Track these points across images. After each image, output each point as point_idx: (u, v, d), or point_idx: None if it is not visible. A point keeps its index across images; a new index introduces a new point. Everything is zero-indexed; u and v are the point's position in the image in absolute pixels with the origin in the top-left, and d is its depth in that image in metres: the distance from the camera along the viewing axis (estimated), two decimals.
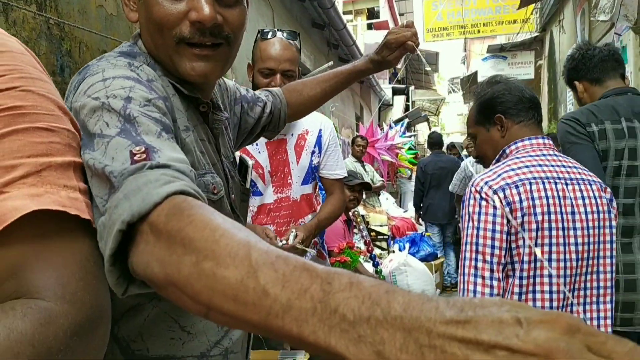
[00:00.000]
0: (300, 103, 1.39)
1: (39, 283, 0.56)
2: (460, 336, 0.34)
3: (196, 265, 0.50)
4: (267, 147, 2.06)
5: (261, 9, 4.72)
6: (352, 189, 3.83)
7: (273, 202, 2.05)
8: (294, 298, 0.42)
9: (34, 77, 0.63)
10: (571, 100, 7.28)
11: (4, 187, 0.56)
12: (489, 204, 1.46)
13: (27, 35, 1.88)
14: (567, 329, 0.34)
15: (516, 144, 1.58)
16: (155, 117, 0.73)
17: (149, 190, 0.58)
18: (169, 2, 0.84)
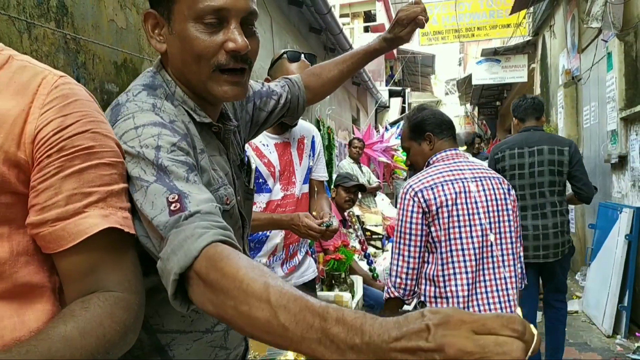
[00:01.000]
0: (321, 85, 1.51)
1: (113, 279, 0.80)
2: (399, 347, 0.54)
3: (235, 308, 0.70)
4: (276, 148, 2.25)
5: (260, 16, 4.87)
6: (347, 191, 4.01)
7: (280, 199, 2.25)
8: (305, 332, 0.62)
9: (99, 120, 0.82)
10: (562, 103, 7.45)
11: (85, 208, 0.77)
12: (411, 202, 2.00)
13: (47, 50, 2.05)
14: (455, 324, 0.51)
15: (439, 155, 2.14)
16: (181, 161, 0.90)
17: (188, 247, 0.78)
18: (207, 36, 0.98)
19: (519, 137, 3.48)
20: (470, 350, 0.49)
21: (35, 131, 0.75)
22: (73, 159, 0.77)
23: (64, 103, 0.78)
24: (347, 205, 4.03)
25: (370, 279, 4.11)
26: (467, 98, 16.70)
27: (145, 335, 1.05)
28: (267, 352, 2.03)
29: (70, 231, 0.76)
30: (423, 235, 1.99)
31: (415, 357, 0.53)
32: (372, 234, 5.69)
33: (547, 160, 3.33)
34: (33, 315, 0.76)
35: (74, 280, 0.79)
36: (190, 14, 0.98)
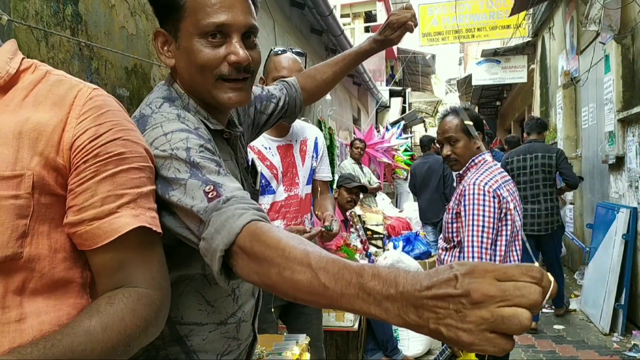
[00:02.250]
0: (315, 86, 1.61)
1: (139, 276, 0.88)
2: (430, 295, 0.60)
3: (279, 274, 0.77)
4: (278, 150, 2.32)
5: (263, 19, 4.97)
6: (349, 191, 4.09)
7: (284, 200, 2.31)
8: (344, 288, 0.68)
9: (129, 128, 0.90)
10: (561, 104, 7.52)
11: (118, 209, 0.85)
12: (491, 199, 2.14)
13: (63, 57, 2.13)
14: (480, 273, 0.58)
15: (484, 155, 2.30)
16: (210, 158, 0.99)
17: (231, 224, 0.86)
18: (210, 49, 1.07)
19: (524, 147, 5.10)
20: (493, 294, 0.56)
21: (72, 139, 0.83)
22: (107, 164, 0.84)
23: (98, 113, 0.86)
24: (349, 206, 4.11)
25: None
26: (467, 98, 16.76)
27: (166, 327, 1.13)
28: (274, 347, 2.11)
29: (105, 229, 0.83)
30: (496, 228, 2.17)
31: (444, 303, 0.58)
32: (373, 233, 5.77)
33: (540, 164, 4.94)
34: (66, 310, 0.83)
35: (104, 275, 0.86)
36: (195, 30, 1.08)
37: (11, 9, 1.83)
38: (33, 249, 0.80)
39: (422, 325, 0.61)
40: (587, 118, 6.66)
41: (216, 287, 1.17)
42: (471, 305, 0.57)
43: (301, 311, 2.48)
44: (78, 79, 0.91)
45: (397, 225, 7.04)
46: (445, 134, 2.34)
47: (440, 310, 0.59)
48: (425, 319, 0.60)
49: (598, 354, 4.34)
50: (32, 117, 0.81)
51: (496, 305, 0.56)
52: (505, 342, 0.56)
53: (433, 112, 21.24)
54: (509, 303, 0.55)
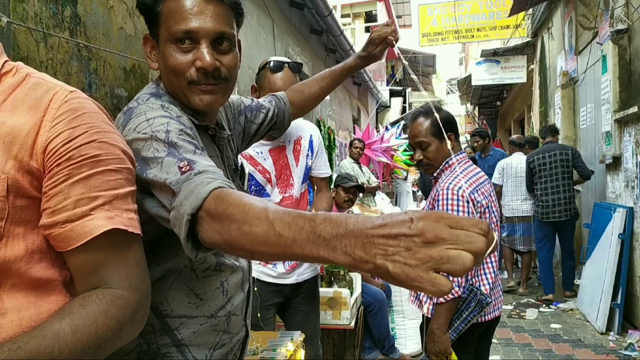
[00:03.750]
0: (303, 100, 1.68)
1: (114, 277, 0.89)
2: (382, 233, 0.61)
3: (238, 229, 0.78)
4: (270, 154, 2.33)
5: (262, 20, 5.00)
6: (347, 191, 4.11)
7: (279, 202, 2.32)
8: (297, 234, 0.70)
9: (105, 130, 0.91)
10: (559, 104, 7.54)
11: (91, 211, 0.86)
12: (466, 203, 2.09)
13: (61, 58, 2.17)
14: (435, 218, 0.60)
15: (459, 156, 2.25)
16: (188, 140, 1.03)
17: (199, 190, 0.88)
18: (180, 55, 1.13)
19: (543, 148, 5.97)
20: (445, 237, 0.59)
21: (46, 142, 0.83)
22: (80, 166, 0.85)
23: (73, 116, 0.87)
24: (346, 205, 4.14)
25: (369, 276, 4.22)
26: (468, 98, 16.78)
27: (156, 320, 1.17)
28: (269, 344, 2.14)
29: (78, 232, 0.84)
30: None
31: (395, 241, 0.60)
32: None
33: (558, 159, 5.72)
34: (47, 306, 0.84)
35: (80, 276, 0.88)
36: (167, 37, 1.13)
37: (10, 10, 1.86)
38: (9, 251, 0.81)
39: (368, 261, 0.62)
40: (585, 118, 6.69)
41: (205, 280, 1.21)
42: (422, 244, 0.59)
43: (298, 308, 2.50)
44: (58, 82, 0.92)
45: None
46: (415, 139, 2.27)
47: (390, 247, 0.61)
48: (372, 254, 0.62)
49: (594, 353, 4.37)
50: (8, 122, 0.83)
51: (445, 246, 0.59)
52: (444, 283, 0.58)
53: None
54: (457, 247, 0.58)
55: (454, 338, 2.12)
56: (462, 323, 2.11)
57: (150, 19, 1.17)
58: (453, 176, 2.16)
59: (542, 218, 5.84)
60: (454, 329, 2.12)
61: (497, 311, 2.26)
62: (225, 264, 1.25)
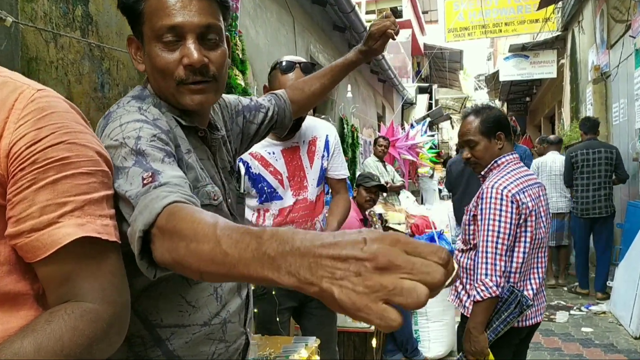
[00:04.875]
0: (304, 98, 1.62)
1: (86, 289, 0.82)
2: (330, 253, 0.55)
3: (186, 247, 0.72)
4: (283, 154, 2.25)
5: (282, 17, 4.94)
6: (368, 190, 4.03)
7: (292, 205, 2.24)
8: (242, 252, 0.63)
9: (76, 130, 0.84)
10: (591, 100, 7.32)
11: (59, 218, 0.79)
12: (510, 204, 2.04)
13: (72, 58, 2.14)
14: (391, 241, 0.53)
15: (508, 156, 2.19)
16: (159, 147, 0.98)
17: (153, 205, 0.81)
18: (166, 53, 1.08)
19: (585, 144, 5.86)
20: (400, 264, 0.52)
21: (9, 146, 0.77)
22: (47, 170, 0.79)
23: (39, 116, 0.80)
24: (367, 205, 4.06)
25: None
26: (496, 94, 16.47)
27: (146, 331, 1.11)
28: (282, 350, 2.08)
29: (45, 242, 0.78)
30: (514, 235, 2.08)
31: (345, 264, 0.54)
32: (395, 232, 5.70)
33: (603, 157, 5.67)
34: (16, 322, 0.79)
35: (50, 289, 0.81)
36: (152, 35, 1.08)
37: (19, 10, 1.84)
38: None
39: (314, 284, 0.56)
40: (618, 114, 6.46)
41: (197, 287, 1.15)
42: (374, 269, 0.52)
43: (312, 312, 2.44)
44: (27, 81, 0.86)
45: (421, 224, 6.93)
46: (463, 137, 2.27)
47: (338, 270, 0.54)
48: (318, 276, 0.55)
49: (627, 358, 4.19)
50: None
51: (399, 275, 0.52)
52: (393, 317, 0.52)
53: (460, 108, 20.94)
54: (412, 277, 0.52)
55: (492, 339, 2.08)
56: (501, 324, 2.07)
57: (133, 18, 1.12)
58: (500, 175, 2.13)
59: (581, 214, 5.78)
60: (493, 329, 2.08)
61: (539, 317, 2.22)
62: None
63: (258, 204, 2.23)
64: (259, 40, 4.10)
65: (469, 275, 2.20)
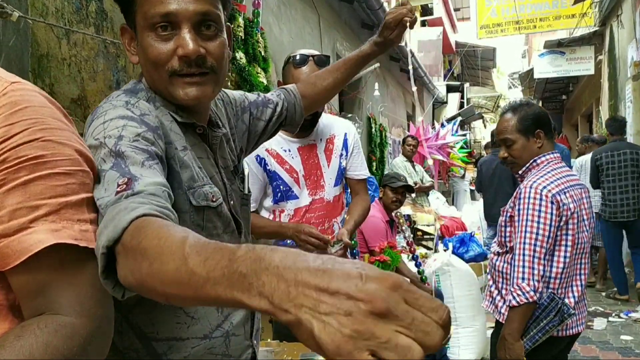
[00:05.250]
0: (316, 94, 1.52)
1: (62, 301, 0.73)
2: (317, 283, 0.46)
3: (149, 267, 0.63)
4: (299, 152, 2.16)
5: (307, 14, 4.86)
6: (395, 191, 3.91)
7: (308, 204, 2.15)
8: (210, 271, 0.55)
9: (53, 127, 0.76)
10: (630, 97, 7.04)
11: (30, 223, 0.71)
12: (549, 204, 1.93)
13: (86, 54, 2.09)
14: (392, 285, 0.45)
15: (548, 156, 2.08)
16: (141, 148, 0.88)
17: (120, 218, 0.71)
18: (159, 43, 0.99)
19: (610, 145, 5.75)
20: (398, 315, 0.45)
21: None
22: (17, 170, 0.71)
23: (10, 111, 0.73)
24: (394, 206, 3.93)
25: (419, 281, 4.00)
26: (530, 92, 16.06)
27: (141, 345, 1.03)
28: (300, 356, 2.00)
29: (15, 248, 0.70)
30: (554, 238, 1.98)
31: (334, 299, 0.45)
32: (423, 233, 5.55)
33: (629, 159, 5.54)
34: None
35: (25, 300, 0.74)
36: (144, 24, 1.00)
37: (28, 5, 1.79)
38: None
39: (289, 312, 0.47)
40: None
41: None
42: (368, 314, 0.44)
43: None
44: (2, 73, 0.78)
45: (451, 225, 6.77)
46: (500, 135, 2.17)
47: (324, 304, 0.45)
48: (297, 304, 0.47)
49: None
50: None
51: (395, 327, 0.44)
52: None
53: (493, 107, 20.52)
54: (409, 333, 0.44)
55: (529, 347, 1.97)
56: (539, 332, 1.97)
57: (126, 6, 1.04)
58: (539, 175, 2.03)
59: (609, 218, 5.60)
60: (530, 337, 1.98)
61: (580, 326, 2.10)
62: None
63: (273, 204, 2.15)
64: (283, 37, 4.02)
65: (505, 280, 2.08)
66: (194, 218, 1.04)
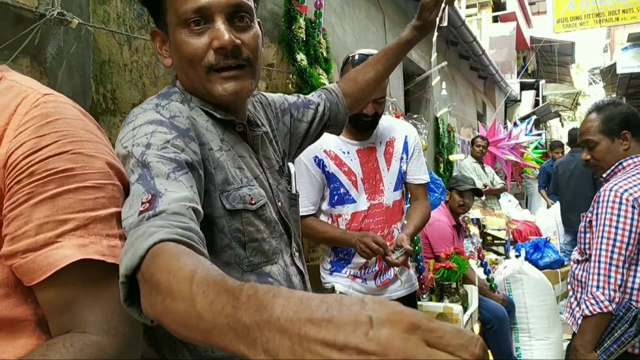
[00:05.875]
0: (359, 90, 1.46)
1: (89, 319, 0.71)
2: (321, 337, 0.40)
3: (162, 303, 0.60)
4: (358, 154, 2.10)
5: (371, 13, 4.77)
6: (462, 194, 3.75)
7: (367, 209, 2.09)
8: (216, 317, 0.50)
9: (85, 139, 0.75)
10: None
11: (58, 238, 0.70)
12: (630, 209, 1.83)
13: (147, 60, 2.12)
14: (408, 327, 0.38)
15: (634, 159, 1.96)
16: (170, 157, 0.85)
17: (137, 246, 0.68)
18: (193, 39, 0.98)
19: None
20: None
21: (7, 155, 0.70)
22: (46, 183, 0.70)
23: (41, 123, 0.72)
24: (461, 210, 3.77)
25: (488, 289, 3.81)
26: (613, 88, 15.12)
27: None
28: None
29: (41, 263, 0.69)
30: (635, 245, 1.86)
31: (341, 355, 0.39)
32: (494, 238, 5.31)
33: None
34: (13, 352, 0.70)
35: (52, 316, 0.72)
36: (177, 21, 0.99)
37: (90, 12, 1.82)
38: None
39: None
40: None
41: None
42: None
43: None
44: (34, 84, 0.77)
45: (524, 229, 6.45)
46: (582, 137, 2.08)
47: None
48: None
49: None
50: None
51: None
52: None
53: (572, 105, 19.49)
54: None
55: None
56: (613, 344, 1.85)
57: (155, 8, 1.03)
58: (623, 178, 1.92)
59: None
60: (604, 349, 1.86)
61: None
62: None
63: (329, 207, 2.10)
64: (346, 38, 3.95)
65: (584, 290, 1.94)
66: (231, 222, 1.00)
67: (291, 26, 2.96)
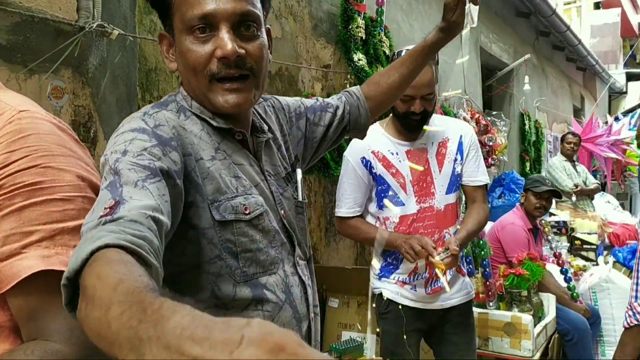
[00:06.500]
0: (382, 93, 1.40)
1: (53, 327, 0.74)
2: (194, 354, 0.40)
3: (85, 309, 0.59)
4: (407, 155, 2.03)
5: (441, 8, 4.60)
6: (538, 196, 3.52)
7: (416, 212, 2.01)
8: (121, 328, 0.49)
9: (56, 154, 0.77)
10: None
11: (23, 249, 0.72)
12: None
13: None
14: (272, 348, 0.37)
15: None
16: (143, 165, 0.83)
17: (83, 249, 0.66)
18: (198, 46, 0.97)
19: None
20: None
21: None
22: (13, 197, 0.73)
23: (13, 139, 0.75)
24: (537, 213, 3.52)
25: (568, 298, 3.54)
26: None
27: None
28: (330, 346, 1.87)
29: (6, 273, 0.72)
30: None
31: None
32: (583, 243, 4.92)
33: None
34: None
35: (21, 323, 0.76)
36: (182, 27, 0.98)
37: (135, 23, 1.90)
38: None
39: None
40: None
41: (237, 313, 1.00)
42: None
43: (446, 338, 2.15)
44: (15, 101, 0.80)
45: (622, 233, 5.93)
46: None
47: None
48: None
49: None
50: None
51: None
52: None
53: None
54: None
55: None
56: None
57: (163, 11, 1.03)
58: None
59: None
60: None
61: None
62: (267, 298, 1.03)
63: (377, 210, 2.06)
64: (413, 34, 3.83)
65: None
66: (221, 233, 0.98)
67: (348, 26, 2.92)
